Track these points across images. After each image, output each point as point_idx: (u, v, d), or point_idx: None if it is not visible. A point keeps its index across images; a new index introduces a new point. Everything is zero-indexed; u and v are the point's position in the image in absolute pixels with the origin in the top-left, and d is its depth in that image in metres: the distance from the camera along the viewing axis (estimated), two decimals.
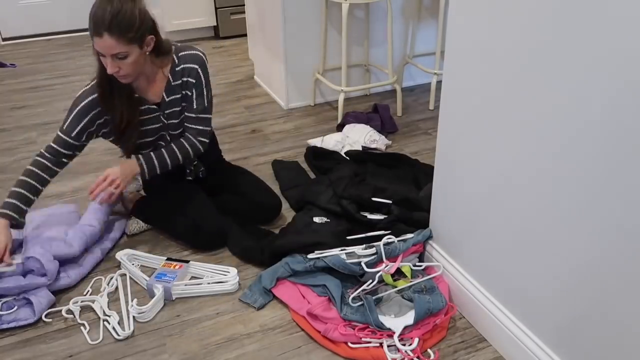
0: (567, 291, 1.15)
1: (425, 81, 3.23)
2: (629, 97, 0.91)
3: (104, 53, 1.55)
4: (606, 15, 0.91)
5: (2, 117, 2.94)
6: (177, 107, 1.80)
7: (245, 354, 1.44)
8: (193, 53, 1.75)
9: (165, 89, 1.75)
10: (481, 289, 1.44)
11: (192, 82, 1.76)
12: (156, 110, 1.78)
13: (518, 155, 1.19)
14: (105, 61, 1.57)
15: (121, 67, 1.58)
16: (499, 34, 1.16)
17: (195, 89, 1.77)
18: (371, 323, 1.44)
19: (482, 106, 1.27)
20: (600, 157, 0.99)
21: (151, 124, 1.79)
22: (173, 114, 1.80)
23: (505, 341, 1.38)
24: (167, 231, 1.90)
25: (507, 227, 1.28)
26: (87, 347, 1.48)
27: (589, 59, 0.97)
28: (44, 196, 2.15)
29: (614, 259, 1.02)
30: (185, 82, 1.76)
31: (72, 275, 1.68)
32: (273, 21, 2.83)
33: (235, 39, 4.26)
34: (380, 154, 2.32)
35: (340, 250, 1.60)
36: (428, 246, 1.65)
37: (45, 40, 4.36)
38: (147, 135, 1.80)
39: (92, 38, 1.54)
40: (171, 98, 1.77)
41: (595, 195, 1.02)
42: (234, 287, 1.64)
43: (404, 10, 2.96)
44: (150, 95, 1.76)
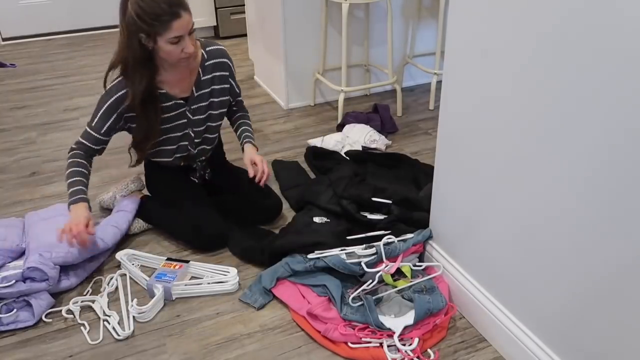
0: (567, 291, 1.15)
1: (425, 81, 3.23)
2: (632, 95, 0.91)
3: (185, 32, 1.58)
4: (607, 15, 0.91)
5: (2, 117, 2.94)
6: (204, 102, 1.82)
7: (245, 354, 1.44)
8: (219, 48, 1.81)
9: (195, 83, 1.77)
10: (481, 289, 1.44)
11: (226, 74, 1.83)
12: (183, 106, 1.78)
13: (518, 155, 1.19)
14: (180, 46, 1.59)
15: (193, 43, 1.64)
16: (499, 34, 1.16)
17: (231, 78, 1.86)
18: (371, 323, 1.44)
19: (482, 106, 1.27)
20: (600, 157, 0.99)
21: (176, 120, 1.80)
22: (199, 110, 1.82)
23: (505, 341, 1.38)
24: (168, 231, 1.90)
25: (507, 227, 1.28)
26: (87, 347, 1.48)
27: (590, 59, 0.97)
28: (43, 196, 2.15)
29: (614, 259, 1.02)
30: (216, 76, 1.81)
31: (73, 279, 1.68)
32: (273, 21, 2.83)
33: (235, 39, 4.26)
34: (380, 154, 2.32)
35: (340, 250, 1.60)
36: (428, 246, 1.65)
37: (45, 40, 4.36)
38: (172, 131, 1.81)
39: (168, 25, 1.54)
40: (200, 93, 1.79)
41: (595, 195, 1.02)
42: (234, 287, 1.64)
43: (404, 10, 2.96)
44: (178, 90, 1.76)
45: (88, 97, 3.18)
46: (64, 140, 2.65)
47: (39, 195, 2.18)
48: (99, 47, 4.14)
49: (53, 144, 2.63)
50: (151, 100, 1.69)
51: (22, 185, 2.27)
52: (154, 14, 1.52)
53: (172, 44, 1.58)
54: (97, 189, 2.19)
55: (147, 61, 1.64)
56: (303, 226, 1.81)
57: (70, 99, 3.16)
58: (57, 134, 2.72)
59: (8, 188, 2.25)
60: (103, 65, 3.70)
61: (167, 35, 1.56)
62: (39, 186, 2.26)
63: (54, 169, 2.39)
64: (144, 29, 1.55)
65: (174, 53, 1.61)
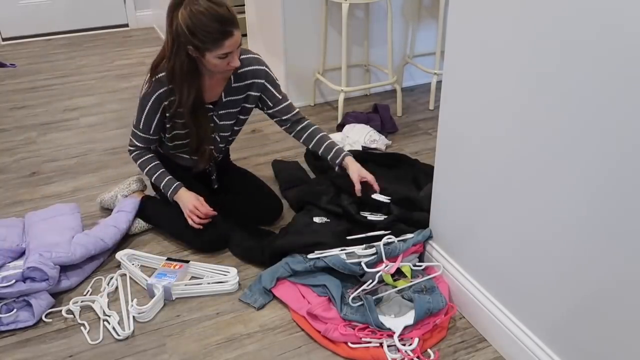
0: (567, 291, 1.15)
1: (425, 81, 3.23)
2: (631, 97, 0.91)
3: (234, 49, 1.58)
4: (608, 14, 0.91)
5: (2, 117, 2.94)
6: (233, 108, 1.82)
7: (245, 354, 1.44)
8: (254, 57, 1.79)
9: (225, 89, 1.77)
10: (481, 289, 1.44)
11: (261, 82, 1.80)
12: (210, 110, 1.79)
13: (518, 155, 1.19)
14: (226, 60, 1.60)
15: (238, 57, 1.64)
16: (499, 34, 1.16)
17: (269, 84, 1.81)
18: (371, 323, 1.44)
19: (482, 106, 1.27)
20: (601, 157, 0.99)
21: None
22: (227, 115, 1.82)
23: (505, 341, 1.38)
24: (168, 231, 1.90)
25: (507, 227, 1.28)
26: (87, 347, 1.48)
27: (591, 58, 0.97)
28: (43, 196, 2.15)
29: (614, 259, 1.02)
30: (250, 84, 1.79)
31: (73, 279, 1.68)
32: (273, 21, 2.83)
33: None
34: (380, 154, 2.32)
35: (340, 250, 1.60)
36: (428, 246, 1.65)
37: (45, 40, 4.36)
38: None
39: (220, 43, 1.54)
40: (229, 99, 1.79)
41: (595, 195, 1.02)
42: (234, 287, 1.64)
43: (404, 10, 2.96)
44: (207, 95, 1.76)
45: (88, 97, 3.18)
46: (64, 140, 2.65)
47: (39, 195, 2.18)
48: (99, 47, 4.14)
49: (53, 144, 2.63)
50: (200, 107, 1.71)
51: (22, 185, 2.27)
52: (206, 31, 1.52)
53: (221, 58, 1.59)
54: (97, 189, 2.19)
55: (194, 71, 1.64)
56: (303, 226, 1.81)
57: (70, 99, 3.16)
58: (57, 134, 2.72)
59: (8, 188, 2.25)
60: (103, 65, 3.71)
61: (217, 52, 1.56)
62: (39, 186, 2.26)
63: (54, 169, 2.39)
64: (193, 43, 1.55)
65: (220, 66, 1.61)
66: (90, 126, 2.80)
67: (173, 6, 1.56)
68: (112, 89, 3.29)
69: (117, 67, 3.69)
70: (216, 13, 1.51)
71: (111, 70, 3.63)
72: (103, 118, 2.90)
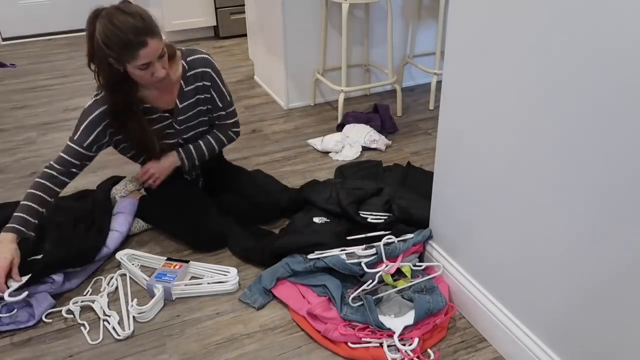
0: (567, 291, 1.15)
1: (425, 81, 3.23)
2: (634, 98, 0.91)
3: (152, 59, 1.55)
4: (609, 14, 0.91)
5: (2, 117, 2.94)
6: (190, 111, 1.81)
7: (245, 354, 1.44)
8: (201, 57, 1.77)
9: (178, 95, 1.75)
10: (481, 289, 1.44)
11: (208, 84, 1.79)
12: (168, 118, 1.78)
13: (518, 155, 1.19)
14: (149, 71, 1.58)
15: (164, 66, 1.61)
16: (499, 34, 1.16)
17: (213, 90, 1.81)
18: (371, 323, 1.44)
19: (482, 106, 1.27)
20: (601, 157, 0.99)
21: (165, 130, 1.81)
22: (186, 119, 1.82)
23: (505, 341, 1.38)
24: (168, 231, 1.90)
25: (507, 227, 1.28)
26: (87, 347, 1.48)
27: (591, 58, 0.97)
28: None
29: (614, 259, 1.02)
30: (200, 86, 1.78)
31: (74, 280, 1.68)
32: (273, 21, 2.83)
33: (235, 39, 4.27)
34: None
35: (340, 250, 1.60)
36: (428, 246, 1.65)
37: (45, 40, 4.36)
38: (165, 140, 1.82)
39: (134, 54, 1.52)
40: (184, 104, 1.78)
41: (595, 195, 1.02)
42: (234, 287, 1.64)
43: (404, 10, 2.96)
44: (161, 103, 1.75)
45: (88, 97, 3.16)
46: (64, 140, 2.65)
47: None
48: None
49: (53, 144, 2.63)
50: (131, 115, 1.69)
51: (22, 185, 2.27)
52: (120, 43, 1.51)
53: (142, 69, 1.57)
54: None
55: (121, 80, 1.63)
56: (303, 226, 1.81)
57: (70, 99, 3.16)
58: (57, 134, 2.72)
59: (8, 188, 2.25)
60: None
61: (135, 63, 1.55)
62: None
63: None
64: (112, 56, 1.55)
65: (144, 77, 1.60)
66: None
67: (91, 19, 1.56)
68: None
69: None
70: (128, 23, 1.50)
71: None
72: None
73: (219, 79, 1.81)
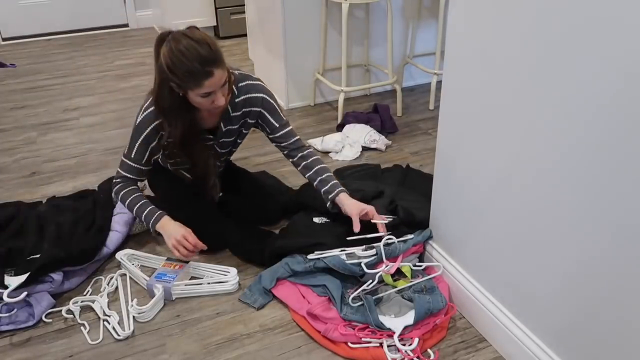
0: (567, 291, 1.15)
1: (425, 81, 3.23)
2: (631, 98, 0.91)
3: (216, 88, 1.52)
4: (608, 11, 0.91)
5: (2, 117, 2.94)
6: (230, 137, 1.80)
7: (245, 354, 1.44)
8: (253, 84, 1.73)
9: (223, 118, 1.73)
10: (481, 289, 1.44)
11: (257, 110, 1.74)
12: (211, 140, 1.77)
13: (518, 155, 1.19)
14: (210, 99, 1.54)
15: (224, 94, 1.58)
16: (499, 34, 1.16)
17: (267, 112, 1.75)
18: (371, 323, 1.44)
19: (482, 106, 1.27)
20: (601, 157, 0.99)
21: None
22: (225, 144, 1.82)
23: (505, 341, 1.38)
24: None
25: (507, 227, 1.28)
26: (87, 347, 1.48)
27: (591, 58, 0.97)
28: (43, 196, 2.15)
29: (614, 259, 1.02)
30: (247, 112, 1.74)
31: (74, 279, 1.68)
32: (273, 21, 2.83)
33: (235, 39, 4.27)
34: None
35: (340, 250, 1.60)
36: (428, 246, 1.65)
37: (45, 40, 4.36)
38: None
39: (199, 83, 1.49)
40: (228, 128, 1.76)
41: (596, 195, 1.02)
42: (234, 287, 1.64)
43: (404, 10, 2.96)
44: (205, 123, 1.73)
45: (88, 97, 3.18)
46: (64, 140, 2.65)
47: (39, 195, 2.18)
48: (99, 47, 4.14)
49: (53, 144, 2.63)
50: (194, 139, 1.68)
51: (22, 185, 2.27)
52: (185, 70, 1.48)
53: (202, 97, 1.54)
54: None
55: (181, 105, 1.60)
56: (303, 227, 1.81)
57: (70, 99, 3.16)
58: (57, 134, 2.72)
59: (8, 188, 2.25)
60: (103, 65, 3.71)
61: (198, 91, 1.52)
62: (39, 186, 2.26)
63: (54, 169, 2.39)
64: (174, 81, 1.52)
65: (204, 104, 1.57)
66: (90, 126, 2.80)
67: (158, 42, 1.54)
68: (112, 89, 3.29)
69: (117, 67, 3.69)
70: (196, 52, 1.46)
71: (111, 70, 3.63)
72: (103, 118, 2.90)
73: (274, 102, 1.76)
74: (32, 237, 1.76)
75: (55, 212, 1.90)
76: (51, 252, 1.63)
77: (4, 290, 1.51)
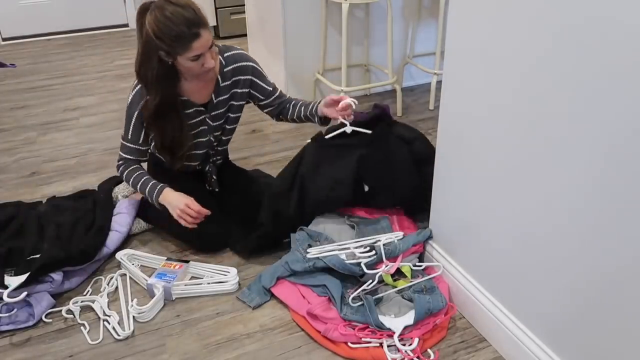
0: (567, 291, 1.15)
1: (425, 81, 3.23)
2: (633, 98, 0.91)
3: (204, 50, 1.56)
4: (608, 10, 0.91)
5: (2, 117, 2.94)
6: (222, 108, 1.81)
7: (245, 354, 1.44)
8: (238, 52, 1.79)
9: (214, 90, 1.76)
10: (481, 289, 1.44)
11: (248, 78, 1.80)
12: (203, 113, 1.78)
13: (518, 155, 1.19)
14: (199, 62, 1.58)
15: (213, 57, 1.62)
16: (499, 34, 1.16)
17: (257, 78, 1.82)
18: (371, 323, 1.44)
19: (482, 106, 1.27)
20: (601, 157, 0.99)
21: (199, 127, 1.80)
22: (218, 116, 1.82)
23: (505, 341, 1.38)
24: (168, 231, 1.90)
25: (507, 227, 1.28)
26: (87, 347, 1.48)
27: (591, 58, 0.97)
28: (43, 196, 2.15)
29: (614, 259, 1.02)
30: (237, 80, 1.79)
31: (74, 279, 1.68)
32: (273, 21, 2.83)
33: (235, 39, 4.26)
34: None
35: (340, 251, 1.60)
36: (428, 246, 1.65)
37: (45, 40, 4.36)
38: (198, 137, 1.81)
39: (188, 46, 1.53)
40: (219, 99, 1.78)
41: (596, 195, 1.02)
42: (234, 287, 1.64)
43: (404, 10, 2.96)
44: (198, 97, 1.75)
45: (88, 97, 3.18)
46: (64, 140, 2.65)
47: (39, 195, 2.18)
48: (99, 47, 4.14)
49: (53, 144, 2.63)
50: (172, 108, 1.69)
51: (22, 185, 2.27)
52: (173, 35, 1.51)
53: (193, 61, 1.58)
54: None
55: (167, 74, 1.63)
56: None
57: (70, 99, 3.16)
58: (57, 134, 2.72)
59: (8, 188, 2.25)
60: (103, 65, 3.71)
61: (187, 55, 1.55)
62: (39, 186, 2.26)
63: (54, 169, 2.39)
64: (163, 48, 1.54)
65: (194, 69, 1.61)
66: (90, 126, 2.80)
67: (140, 12, 1.56)
68: (112, 89, 3.29)
69: (117, 67, 3.69)
70: (181, 16, 1.50)
71: (111, 70, 3.63)
72: (103, 118, 2.90)
73: (259, 67, 1.83)
74: (32, 237, 1.76)
75: (55, 212, 1.90)
76: (51, 252, 1.63)
77: (4, 290, 1.51)
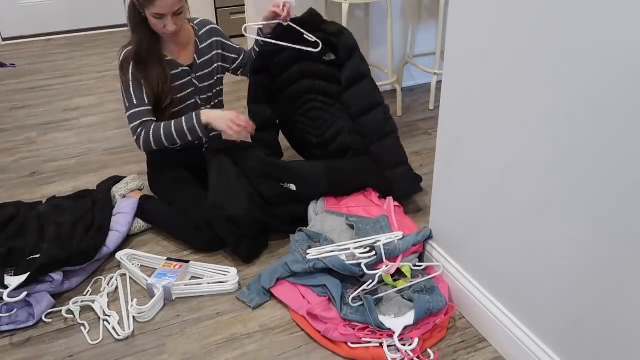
0: (567, 291, 1.15)
1: (425, 81, 3.23)
2: (633, 98, 0.91)
3: (166, 12, 1.70)
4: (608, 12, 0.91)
5: (2, 117, 2.94)
6: (207, 68, 1.95)
7: (245, 354, 1.44)
8: (204, 19, 1.99)
9: (195, 51, 1.92)
10: (481, 289, 1.44)
11: (221, 40, 2.00)
12: (188, 73, 1.89)
13: (518, 155, 1.19)
14: (162, 22, 1.73)
15: (176, 23, 1.75)
16: (499, 34, 1.16)
17: (225, 39, 2.03)
18: (371, 323, 1.44)
19: (482, 106, 1.27)
20: (602, 157, 0.99)
21: (185, 89, 1.90)
22: (204, 77, 1.95)
23: (505, 341, 1.38)
24: (168, 231, 1.90)
25: (507, 227, 1.28)
26: (87, 347, 1.48)
27: (591, 58, 0.97)
28: (43, 196, 2.15)
29: (614, 259, 1.02)
30: (215, 42, 1.97)
31: (74, 279, 1.68)
32: None
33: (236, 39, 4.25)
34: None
35: (339, 251, 1.60)
36: (428, 246, 1.65)
37: (45, 40, 4.36)
38: (181, 102, 1.90)
39: (152, 2, 1.67)
40: (202, 60, 1.93)
41: (596, 195, 1.02)
42: (234, 287, 1.64)
43: (404, 11, 2.96)
44: (181, 59, 1.90)
45: (88, 97, 3.18)
46: (64, 140, 2.65)
47: (39, 195, 2.18)
48: (99, 47, 4.14)
49: (53, 144, 2.63)
50: (154, 59, 1.81)
51: (22, 185, 2.27)
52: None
53: (155, 18, 1.72)
54: None
55: (143, 22, 1.77)
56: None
57: (70, 99, 3.16)
58: (57, 134, 2.72)
59: (8, 188, 2.25)
60: (103, 65, 3.71)
61: (151, 10, 1.70)
62: (39, 186, 2.26)
63: (54, 169, 2.39)
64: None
65: (157, 26, 1.75)
66: (90, 126, 2.80)
67: None
68: (112, 89, 3.29)
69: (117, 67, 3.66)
70: None
71: (111, 70, 3.63)
72: (103, 118, 2.90)
73: (222, 30, 2.02)
74: (32, 237, 1.76)
75: (55, 212, 1.90)
76: (51, 252, 1.63)
77: (4, 290, 1.51)
